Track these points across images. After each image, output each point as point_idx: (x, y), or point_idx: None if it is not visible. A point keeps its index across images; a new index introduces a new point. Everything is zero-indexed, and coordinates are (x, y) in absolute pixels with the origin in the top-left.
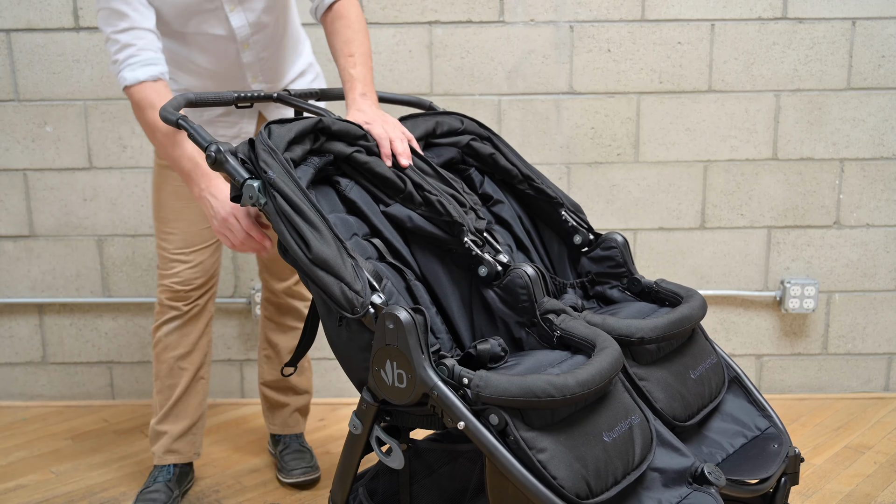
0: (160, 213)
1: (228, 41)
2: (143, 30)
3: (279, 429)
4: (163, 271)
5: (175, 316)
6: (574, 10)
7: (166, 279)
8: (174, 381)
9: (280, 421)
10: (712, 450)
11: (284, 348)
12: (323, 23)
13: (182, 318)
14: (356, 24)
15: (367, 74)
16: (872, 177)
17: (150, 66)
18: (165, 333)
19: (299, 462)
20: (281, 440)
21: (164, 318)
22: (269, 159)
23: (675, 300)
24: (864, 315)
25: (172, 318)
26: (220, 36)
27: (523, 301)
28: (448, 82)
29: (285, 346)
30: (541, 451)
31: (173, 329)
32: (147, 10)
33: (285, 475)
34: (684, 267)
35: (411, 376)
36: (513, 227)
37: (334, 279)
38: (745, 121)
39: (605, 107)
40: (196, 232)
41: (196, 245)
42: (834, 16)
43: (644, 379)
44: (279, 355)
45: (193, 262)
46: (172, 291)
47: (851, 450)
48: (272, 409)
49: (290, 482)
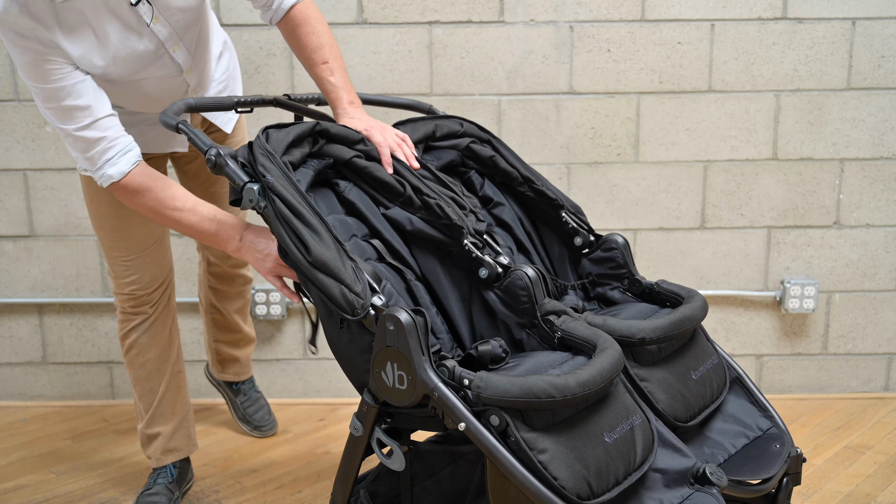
0: (103, 223)
1: (175, 74)
2: (106, 117)
3: (233, 376)
4: (120, 280)
5: (142, 321)
6: (574, 11)
7: (125, 287)
8: (154, 384)
9: (234, 371)
10: (714, 450)
11: (231, 309)
12: (282, 28)
13: (149, 321)
14: (320, 27)
15: (347, 80)
16: (872, 177)
17: (129, 153)
18: (136, 339)
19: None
20: (240, 389)
21: (130, 325)
22: (268, 163)
23: (675, 301)
24: (864, 315)
25: (140, 323)
26: (168, 75)
27: (524, 302)
28: (448, 82)
29: (233, 308)
30: (542, 452)
31: (143, 333)
32: (99, 92)
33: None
34: (684, 267)
35: (412, 378)
36: (513, 229)
37: (334, 281)
38: (745, 121)
39: (605, 107)
40: (145, 233)
41: (148, 245)
42: (834, 16)
43: (645, 380)
44: (226, 317)
45: (149, 263)
46: (135, 298)
47: (851, 450)
48: (224, 362)
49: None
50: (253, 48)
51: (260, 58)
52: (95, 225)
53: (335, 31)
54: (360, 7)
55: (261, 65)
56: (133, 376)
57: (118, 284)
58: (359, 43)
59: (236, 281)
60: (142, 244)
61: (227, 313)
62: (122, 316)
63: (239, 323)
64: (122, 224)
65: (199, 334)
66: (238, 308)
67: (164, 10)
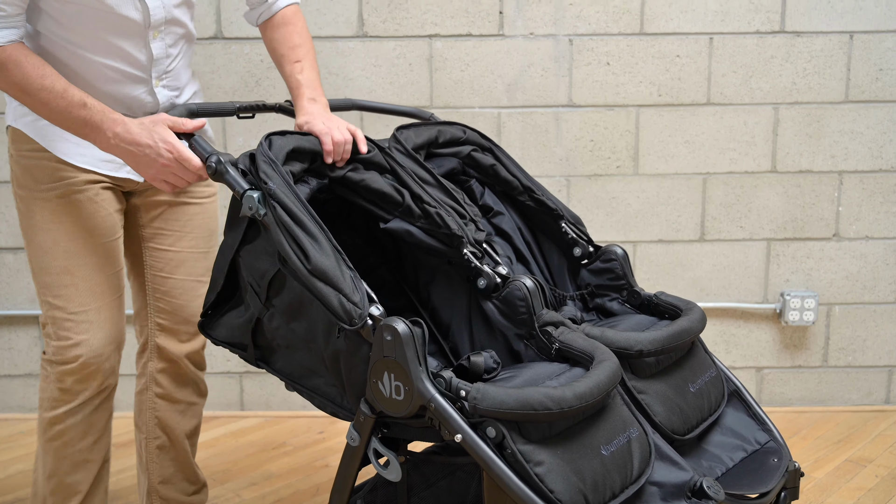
0: (43, 262)
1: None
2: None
3: None
4: (60, 343)
5: (84, 402)
6: (573, 24)
7: (67, 351)
8: (79, 478)
9: None
10: (712, 464)
11: (182, 433)
12: (264, 29)
13: (92, 404)
14: (303, 31)
15: (316, 79)
16: (871, 189)
17: (12, 29)
18: (69, 426)
19: None
20: None
21: (64, 408)
22: (270, 170)
23: (674, 313)
24: (865, 327)
25: (80, 405)
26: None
27: (522, 313)
28: (448, 95)
29: (184, 430)
30: (538, 465)
31: (80, 420)
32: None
33: None
34: (684, 279)
35: (409, 388)
36: (513, 239)
37: (332, 290)
38: (744, 133)
39: (605, 119)
40: (104, 278)
41: (106, 295)
42: (832, 29)
43: (643, 392)
44: (176, 444)
45: (105, 320)
46: (79, 372)
47: (852, 463)
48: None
49: None
50: (254, 61)
51: (261, 70)
52: (34, 265)
53: (336, 44)
54: (361, 21)
55: (262, 77)
56: (51, 467)
57: (56, 350)
58: (359, 56)
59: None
60: (96, 292)
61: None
62: (55, 395)
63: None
64: (72, 262)
65: None
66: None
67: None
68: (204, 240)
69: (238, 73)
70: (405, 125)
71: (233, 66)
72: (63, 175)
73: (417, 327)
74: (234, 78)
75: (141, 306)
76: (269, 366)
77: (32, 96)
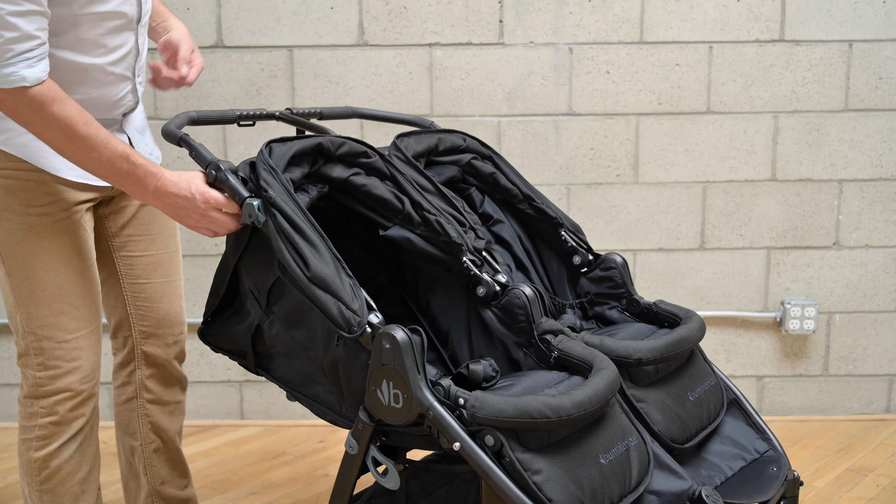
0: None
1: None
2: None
3: None
4: (49, 373)
5: (77, 432)
6: (573, 33)
7: (59, 380)
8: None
9: None
10: (711, 472)
11: (174, 432)
12: None
13: (83, 432)
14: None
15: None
16: (871, 198)
17: (46, 60)
18: (65, 460)
19: None
20: None
21: (58, 442)
22: (270, 178)
23: (673, 321)
24: (865, 336)
25: (74, 435)
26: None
27: (521, 321)
28: (448, 103)
29: (175, 430)
30: (536, 473)
31: (75, 451)
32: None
33: None
34: (684, 288)
35: (407, 396)
36: (512, 247)
37: (332, 298)
38: (744, 142)
39: (605, 128)
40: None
41: (93, 319)
42: (831, 38)
43: (642, 400)
44: (169, 444)
45: (94, 343)
46: (73, 399)
47: (854, 472)
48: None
49: None
50: (254, 70)
51: (261, 79)
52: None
53: (336, 52)
54: (361, 29)
55: (262, 86)
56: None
57: (46, 379)
58: (360, 64)
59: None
60: (95, 312)
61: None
62: (49, 429)
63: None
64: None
65: None
66: (180, 428)
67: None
68: (172, 238)
69: (239, 81)
70: (405, 133)
71: (233, 75)
72: (53, 194)
73: (416, 335)
74: (234, 86)
75: (121, 318)
76: (269, 373)
77: (76, 143)
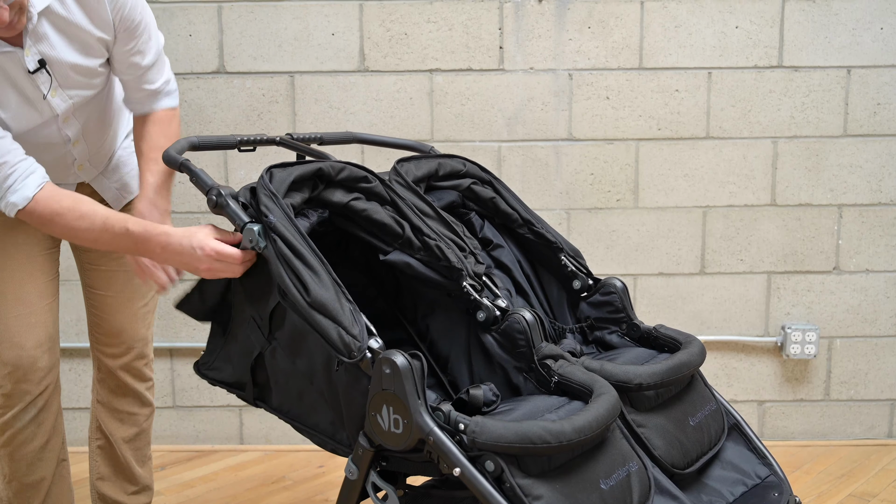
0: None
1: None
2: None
3: None
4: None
5: (28, 404)
6: (573, 59)
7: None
8: (38, 477)
9: None
10: (712, 498)
11: (120, 438)
12: (136, 119)
13: (36, 405)
14: (173, 135)
15: (164, 185)
16: (871, 222)
17: (32, 175)
18: (19, 429)
19: None
20: None
21: (9, 413)
22: (270, 203)
23: (673, 346)
24: (866, 361)
25: (25, 408)
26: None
27: (521, 346)
28: (448, 129)
29: (122, 436)
30: (537, 499)
31: (28, 421)
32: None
33: None
34: (684, 312)
35: (408, 421)
36: (512, 272)
37: (332, 323)
38: (744, 167)
39: (604, 153)
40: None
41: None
42: (829, 64)
43: (642, 426)
44: (113, 447)
45: (35, 324)
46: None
47: (856, 498)
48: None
49: None
50: (256, 95)
51: (262, 105)
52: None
53: (338, 78)
54: (363, 55)
55: (263, 111)
56: (8, 471)
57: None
58: (360, 90)
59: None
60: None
61: (115, 443)
62: (2, 400)
63: (129, 461)
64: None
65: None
66: (130, 437)
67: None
68: None
69: (240, 106)
70: (405, 158)
71: (234, 100)
72: None
73: (416, 360)
74: (235, 111)
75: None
76: (267, 404)
77: (79, 237)
